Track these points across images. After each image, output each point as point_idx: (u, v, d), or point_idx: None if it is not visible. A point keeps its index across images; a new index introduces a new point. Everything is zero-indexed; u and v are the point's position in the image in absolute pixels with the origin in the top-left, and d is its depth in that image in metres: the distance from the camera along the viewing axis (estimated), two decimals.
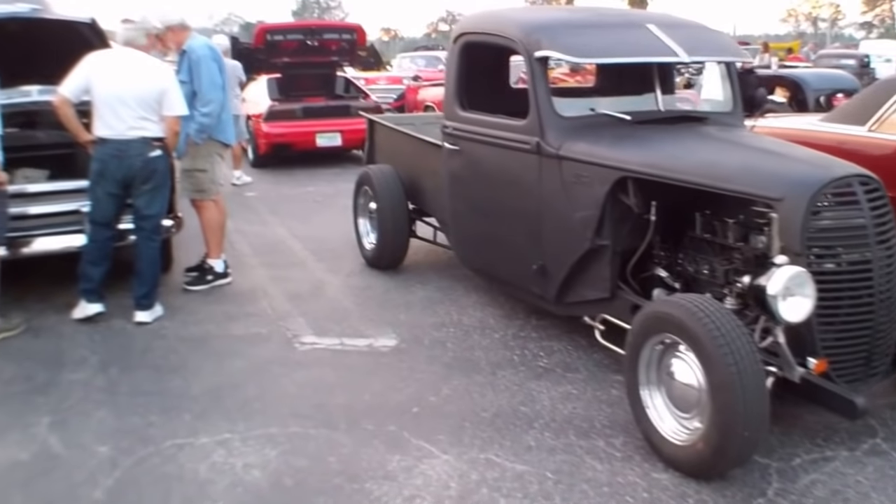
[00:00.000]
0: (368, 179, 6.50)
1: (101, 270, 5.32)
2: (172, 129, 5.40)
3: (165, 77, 5.37)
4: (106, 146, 5.16)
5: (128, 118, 5.16)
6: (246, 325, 5.36)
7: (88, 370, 4.65)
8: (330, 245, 7.30)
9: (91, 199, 5.27)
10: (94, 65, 5.19)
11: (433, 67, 21.48)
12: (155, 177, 5.34)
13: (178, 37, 5.93)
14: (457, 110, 5.37)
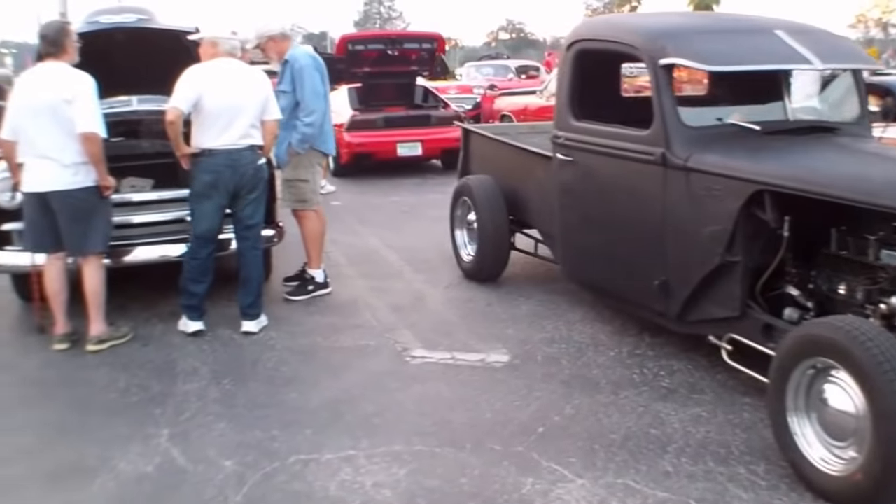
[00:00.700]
0: (468, 190, 6.38)
1: (203, 287, 5.28)
2: (272, 132, 5.38)
3: (267, 83, 5.37)
4: (216, 157, 5.10)
5: (241, 127, 5.13)
6: (353, 336, 5.27)
7: (202, 381, 4.60)
8: (424, 256, 7.21)
9: (197, 214, 5.22)
10: (202, 76, 5.13)
11: (503, 76, 21.40)
12: (261, 185, 5.32)
13: (280, 46, 5.90)
14: (570, 120, 5.23)
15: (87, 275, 5.05)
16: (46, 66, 4.93)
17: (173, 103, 5.03)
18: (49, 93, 4.81)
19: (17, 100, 4.89)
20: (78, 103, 4.79)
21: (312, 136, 5.82)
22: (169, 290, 5.98)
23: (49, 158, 4.83)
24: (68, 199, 4.88)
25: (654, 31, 4.78)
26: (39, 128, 4.82)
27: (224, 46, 5.25)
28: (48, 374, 4.76)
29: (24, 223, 5.07)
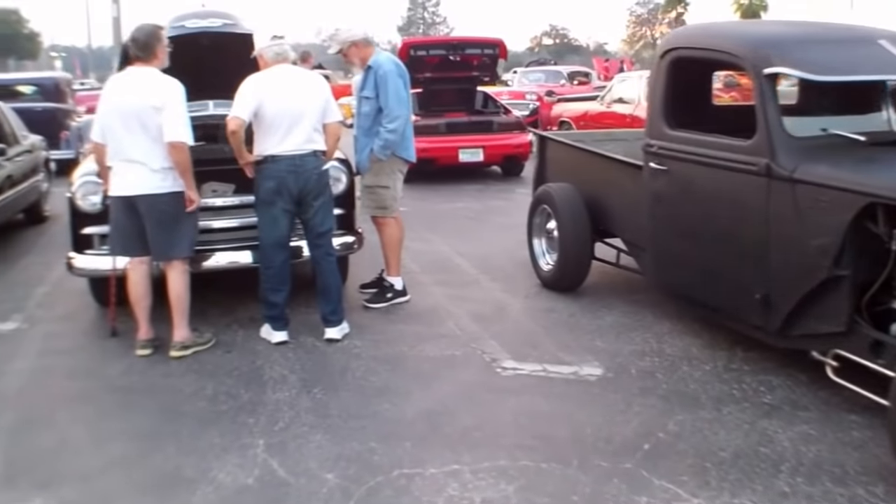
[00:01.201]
0: (548, 198, 6.28)
1: (282, 296, 5.21)
2: (335, 135, 5.31)
3: (325, 86, 5.32)
4: (279, 163, 5.04)
5: (303, 132, 5.07)
6: (439, 346, 5.18)
7: (292, 390, 4.54)
8: (497, 263, 7.12)
9: (264, 221, 5.17)
10: (260, 84, 5.07)
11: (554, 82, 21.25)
12: (326, 190, 5.27)
13: (363, 52, 5.82)
14: (664, 129, 5.11)
15: (171, 280, 5.02)
16: (136, 71, 4.92)
17: (234, 113, 4.97)
18: (137, 98, 4.79)
19: (107, 103, 4.88)
20: (167, 111, 4.75)
21: (395, 142, 5.73)
22: (247, 296, 5.97)
23: (137, 163, 4.81)
24: (155, 203, 4.86)
25: (758, 40, 4.66)
26: (127, 132, 4.80)
27: (269, 55, 5.20)
28: (133, 381, 4.72)
29: (111, 227, 5.06)
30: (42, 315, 5.95)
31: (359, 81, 6.04)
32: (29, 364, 5.02)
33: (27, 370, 4.93)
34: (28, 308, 6.12)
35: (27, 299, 6.34)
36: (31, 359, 5.10)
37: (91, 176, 5.52)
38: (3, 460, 3.84)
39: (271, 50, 5.17)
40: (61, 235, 8.63)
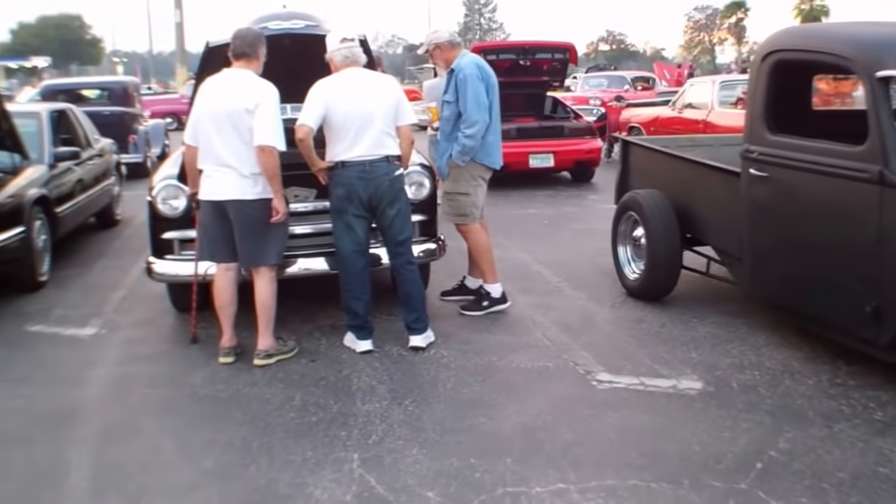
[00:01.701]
0: (636, 205, 6.06)
1: (364, 303, 5.07)
2: (409, 138, 5.13)
3: (396, 87, 5.16)
4: (349, 169, 4.89)
5: (372, 137, 4.89)
6: (529, 357, 5.00)
7: (382, 401, 4.39)
8: (579, 271, 6.92)
9: (339, 229, 5.02)
10: (327, 89, 4.91)
11: (618, 87, 20.97)
12: (401, 197, 5.08)
13: (447, 55, 5.69)
14: (765, 134, 4.88)
15: (259, 287, 4.92)
16: (233, 73, 4.83)
17: (301, 121, 4.82)
18: (231, 100, 4.69)
19: (200, 105, 4.80)
20: (259, 114, 4.64)
21: (473, 148, 5.56)
22: (327, 302, 5.88)
23: (229, 167, 4.71)
24: (246, 209, 4.75)
25: (869, 42, 4.41)
26: (219, 135, 4.70)
27: (337, 58, 5.04)
28: (218, 390, 4.61)
29: (199, 232, 4.98)
30: (120, 321, 5.90)
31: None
32: (110, 371, 4.95)
33: (109, 377, 4.85)
34: (106, 313, 6.08)
35: (104, 304, 6.30)
36: (111, 366, 5.03)
37: (171, 180, 5.45)
38: (90, 473, 3.74)
39: (340, 53, 5.02)
40: (134, 239, 8.72)
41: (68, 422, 4.25)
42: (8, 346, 5.42)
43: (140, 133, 13.40)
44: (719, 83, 11.92)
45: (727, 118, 11.14)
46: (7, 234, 6.20)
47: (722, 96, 11.65)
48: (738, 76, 15.08)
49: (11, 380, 4.84)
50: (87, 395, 4.59)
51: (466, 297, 5.95)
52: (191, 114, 4.87)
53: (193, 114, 4.84)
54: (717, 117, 11.35)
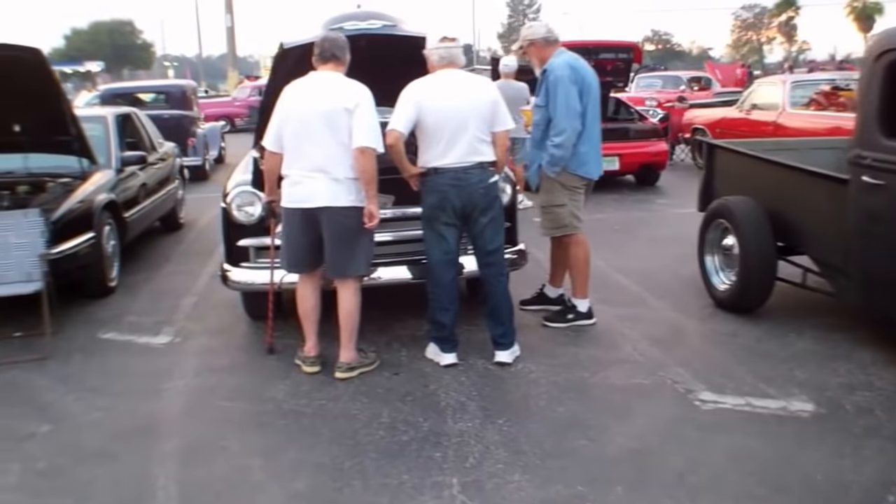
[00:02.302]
0: (727, 213, 5.77)
1: (451, 315, 4.86)
2: (504, 145, 4.89)
3: (492, 90, 4.90)
4: (442, 176, 4.67)
5: (466, 143, 4.66)
6: (622, 373, 4.75)
7: (474, 420, 4.16)
8: (659, 280, 6.64)
9: (430, 238, 4.82)
10: (420, 92, 4.67)
11: (673, 87, 20.59)
12: (494, 205, 4.84)
13: (541, 53, 5.36)
14: (880, 139, 4.57)
15: (344, 298, 4.73)
16: (325, 75, 4.63)
17: (392, 125, 4.61)
18: (329, 100, 4.51)
19: (290, 108, 4.58)
20: (358, 114, 4.46)
21: (562, 158, 5.24)
22: (403, 312, 5.70)
23: (321, 172, 4.52)
24: (338, 217, 4.56)
25: None
26: (311, 139, 4.51)
27: (434, 58, 4.81)
28: (301, 404, 4.41)
29: (283, 240, 4.77)
30: (194, 328, 5.75)
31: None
32: (188, 383, 4.79)
33: (187, 389, 4.70)
34: (178, 321, 5.94)
35: (175, 311, 6.17)
36: (188, 377, 4.87)
37: (246, 186, 5.29)
38: (177, 493, 3.57)
39: (436, 53, 4.79)
40: (198, 243, 8.62)
41: (150, 436, 4.09)
42: (82, 355, 5.29)
43: (199, 136, 13.35)
44: (791, 83, 11.51)
45: (800, 120, 10.76)
46: (78, 240, 6.09)
47: (794, 97, 11.23)
48: (811, 76, 14.64)
49: (87, 390, 4.71)
50: (167, 408, 4.44)
51: (546, 307, 5.70)
52: (273, 119, 4.67)
53: (277, 118, 4.62)
54: (789, 119, 10.94)
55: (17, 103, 6.32)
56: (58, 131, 6.58)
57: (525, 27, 5.54)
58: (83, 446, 4.01)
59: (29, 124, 6.52)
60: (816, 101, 10.97)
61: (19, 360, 5.16)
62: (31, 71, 6.02)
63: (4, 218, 5.67)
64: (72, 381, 4.84)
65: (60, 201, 6.22)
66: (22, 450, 3.98)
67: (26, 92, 6.20)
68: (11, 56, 5.91)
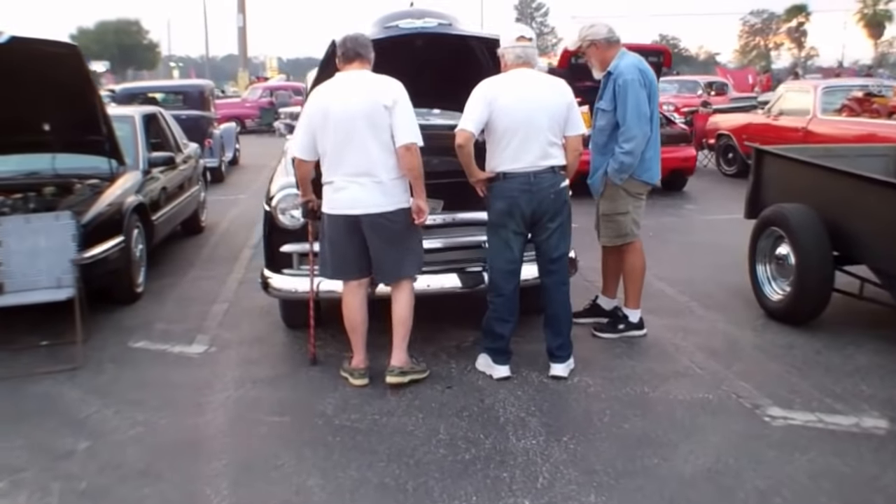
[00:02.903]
0: (782, 221, 5.57)
1: (510, 327, 4.67)
2: (576, 150, 4.68)
3: (567, 91, 4.67)
4: (511, 181, 4.48)
5: (539, 146, 4.47)
6: (684, 387, 4.55)
7: (537, 436, 3.96)
8: (703, 289, 6.45)
9: (495, 245, 4.62)
10: (493, 91, 4.47)
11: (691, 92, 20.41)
12: (563, 211, 4.65)
13: (603, 54, 5.13)
14: None
15: (399, 301, 4.57)
16: (354, 74, 4.42)
17: (462, 125, 4.41)
18: (366, 100, 4.31)
19: (324, 112, 4.36)
20: (398, 111, 4.28)
21: (631, 165, 5.04)
22: (446, 322, 5.51)
23: (366, 176, 4.33)
24: (385, 222, 4.38)
25: None
26: (353, 142, 4.31)
27: (510, 56, 4.60)
28: (353, 419, 4.20)
29: (324, 247, 4.58)
30: (228, 337, 5.54)
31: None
32: (230, 395, 4.58)
33: (230, 403, 4.48)
34: (210, 328, 5.74)
35: (206, 318, 5.96)
36: (230, 389, 4.66)
37: (291, 189, 5.09)
38: None
39: (513, 51, 4.58)
40: (221, 247, 8.43)
41: (196, 454, 3.90)
42: (114, 365, 5.08)
43: (215, 137, 13.15)
44: (822, 88, 11.29)
45: (831, 126, 10.57)
46: (108, 244, 5.89)
47: (825, 103, 11.02)
48: (842, 81, 14.43)
49: (125, 403, 4.49)
50: (211, 423, 4.23)
51: (599, 319, 5.50)
52: (302, 125, 4.49)
53: (307, 124, 4.43)
54: (820, 126, 10.73)
55: (48, 101, 6.12)
56: (88, 131, 6.37)
57: (585, 26, 5.28)
58: (126, 464, 3.81)
59: (59, 123, 6.33)
60: (849, 107, 10.75)
61: (50, 371, 4.96)
62: (67, 68, 5.80)
63: (34, 221, 5.50)
64: (107, 393, 4.63)
65: (90, 204, 6.02)
66: (61, 468, 3.78)
67: (59, 89, 5.98)
68: (49, 52, 5.69)
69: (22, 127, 6.33)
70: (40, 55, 5.68)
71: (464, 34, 5.40)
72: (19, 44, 5.37)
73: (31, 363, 5.11)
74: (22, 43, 5.42)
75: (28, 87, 5.96)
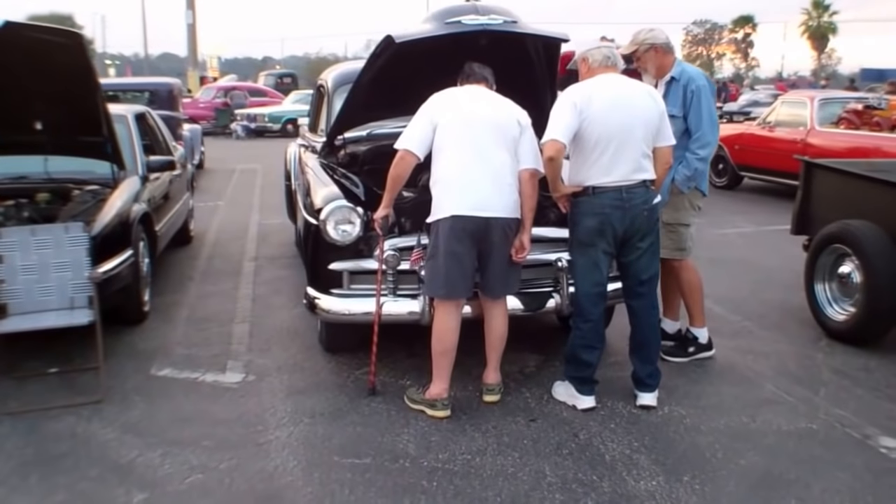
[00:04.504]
0: (850, 238, 5.30)
1: (598, 354, 4.31)
2: (667, 162, 4.37)
3: (660, 99, 4.35)
4: (601, 196, 4.12)
5: (632, 158, 4.12)
6: (781, 416, 4.23)
7: (656, 477, 3.59)
8: (749, 307, 6.18)
9: (583, 267, 4.26)
10: (583, 97, 4.08)
11: None
12: (655, 229, 4.34)
13: (662, 59, 4.82)
14: None
15: (497, 318, 4.33)
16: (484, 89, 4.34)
17: (552, 135, 4.03)
18: (501, 111, 4.22)
19: (454, 112, 4.15)
20: (528, 134, 4.24)
21: (703, 172, 4.80)
22: None
23: (499, 178, 4.11)
24: (509, 231, 4.14)
25: None
26: (487, 145, 4.11)
27: (597, 57, 4.26)
28: (442, 460, 3.74)
29: (442, 261, 4.11)
30: (263, 363, 5.01)
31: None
32: (291, 433, 4.06)
33: (295, 442, 3.96)
34: (240, 353, 5.20)
35: (231, 341, 5.43)
36: (287, 425, 4.14)
37: (341, 200, 4.63)
38: None
39: (600, 52, 4.23)
40: (217, 259, 7.86)
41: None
42: (141, 397, 4.52)
43: (186, 139, 12.43)
44: (819, 100, 11.17)
45: (830, 139, 10.49)
46: (119, 259, 5.30)
47: (822, 115, 10.91)
48: (840, 93, 14.40)
49: (170, 443, 3.94)
50: (282, 468, 3.70)
51: (664, 342, 5.15)
52: (421, 121, 4.17)
53: (428, 120, 4.14)
54: (819, 138, 10.62)
55: (43, 96, 5.43)
56: (87, 131, 5.71)
57: (643, 30, 4.97)
58: None
59: (54, 121, 5.64)
60: (847, 119, 10.67)
61: (69, 405, 4.39)
62: (66, 59, 5.11)
63: (41, 233, 4.88)
64: (144, 432, 4.08)
65: (94, 213, 5.42)
66: None
67: (56, 83, 5.30)
68: (46, 41, 4.98)
69: (11, 125, 5.65)
70: (36, 44, 4.97)
71: (537, 33, 5.01)
72: (12, 30, 4.73)
73: (42, 395, 4.54)
74: (16, 29, 4.78)
75: (20, 80, 5.26)
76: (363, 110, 5.59)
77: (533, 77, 5.43)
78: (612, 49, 4.29)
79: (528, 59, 5.32)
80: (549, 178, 4.15)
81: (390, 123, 6.08)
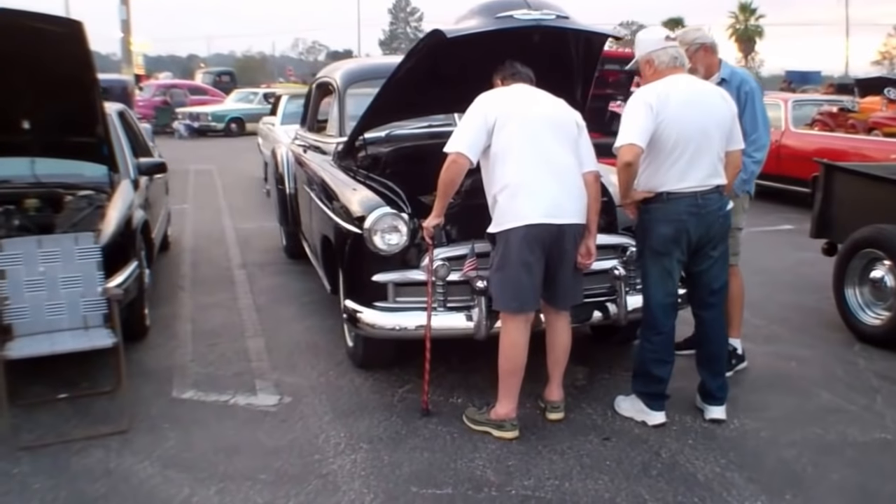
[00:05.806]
0: (884, 242, 5.25)
1: (669, 369, 4.13)
2: (738, 166, 4.25)
3: (731, 100, 4.18)
4: (676, 203, 3.93)
5: (708, 163, 3.95)
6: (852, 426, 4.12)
7: (758, 496, 3.42)
8: (773, 311, 6.09)
9: (655, 276, 4.07)
10: (658, 98, 3.88)
11: None
12: (726, 236, 4.18)
13: (709, 59, 4.67)
14: None
15: (562, 331, 4.14)
16: (534, 89, 4.15)
17: (628, 139, 3.83)
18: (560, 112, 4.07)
19: (509, 112, 3.92)
20: (585, 135, 4.10)
21: (756, 175, 4.69)
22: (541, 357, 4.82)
23: (568, 180, 3.90)
24: (577, 236, 3.95)
25: None
26: (550, 145, 3.91)
27: (664, 58, 4.06)
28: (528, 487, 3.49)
29: (513, 272, 3.85)
30: (294, 382, 4.68)
31: None
32: (355, 461, 3.74)
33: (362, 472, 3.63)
34: (265, 371, 4.87)
35: (250, 358, 5.09)
36: (347, 452, 3.82)
37: (386, 208, 4.35)
38: None
39: (666, 53, 4.04)
40: (201, 266, 7.48)
41: None
42: (171, 425, 4.14)
43: None
44: (792, 102, 11.24)
45: (804, 140, 10.58)
46: (127, 272, 4.89)
47: (796, 117, 11.00)
48: (811, 96, 14.55)
49: (223, 478, 3.59)
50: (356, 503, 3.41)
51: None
52: (474, 123, 3.90)
53: (482, 122, 3.88)
54: (793, 140, 10.71)
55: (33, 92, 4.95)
56: (79, 131, 5.26)
57: (691, 30, 4.84)
58: None
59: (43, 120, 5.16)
60: (821, 121, 10.77)
61: (94, 436, 4.00)
62: (62, 51, 4.60)
63: (48, 244, 4.46)
64: (189, 466, 3.72)
65: (94, 221, 5.02)
66: None
67: (50, 78, 4.80)
68: (43, 30, 4.48)
69: None
70: (29, 32, 4.45)
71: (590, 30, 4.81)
72: (2, 17, 4.31)
73: (56, 424, 4.15)
74: (7, 16, 4.34)
75: (8, 73, 4.73)
76: (393, 109, 5.28)
77: (569, 75, 5.22)
78: (679, 49, 4.11)
79: (567, 56, 5.11)
80: (622, 183, 3.95)
81: (409, 124, 5.81)
